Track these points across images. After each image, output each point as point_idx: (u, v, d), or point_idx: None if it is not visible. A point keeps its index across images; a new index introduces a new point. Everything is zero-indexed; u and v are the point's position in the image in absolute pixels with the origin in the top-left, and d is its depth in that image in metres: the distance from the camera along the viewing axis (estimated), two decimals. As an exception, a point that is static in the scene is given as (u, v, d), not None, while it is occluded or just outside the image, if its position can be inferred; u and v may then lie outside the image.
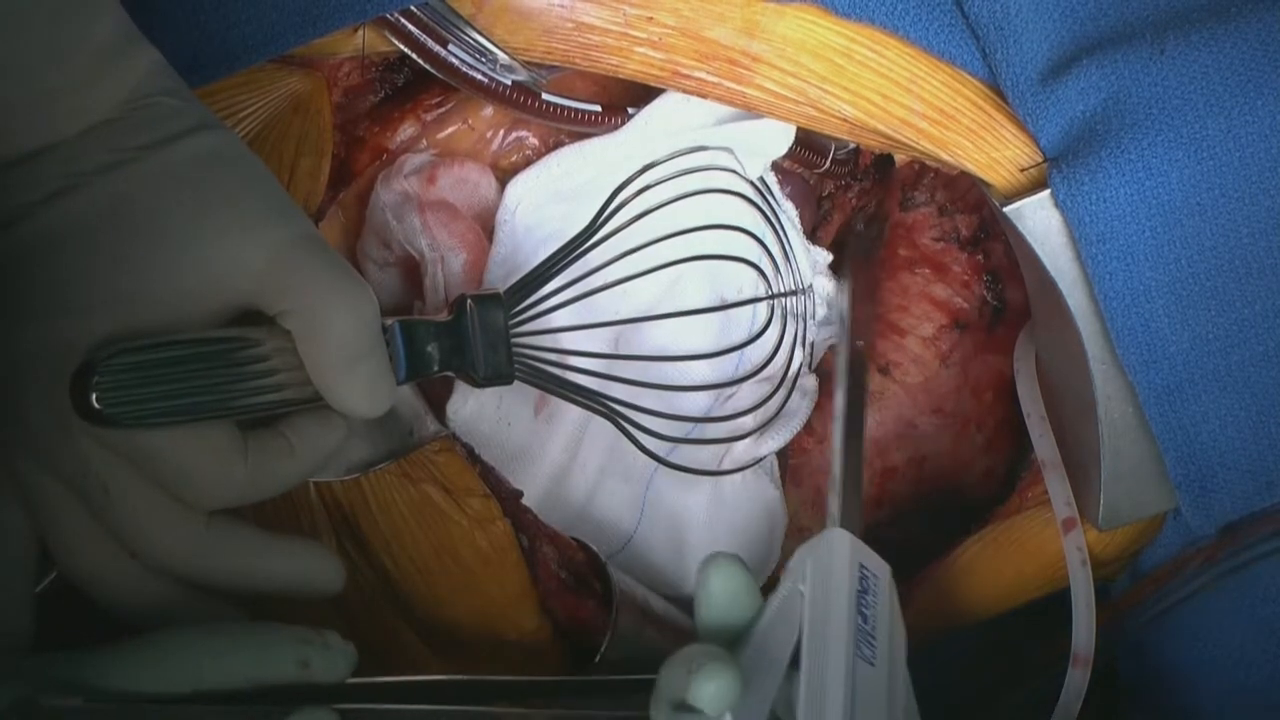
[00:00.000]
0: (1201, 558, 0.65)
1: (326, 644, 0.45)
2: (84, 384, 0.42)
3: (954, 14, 0.57)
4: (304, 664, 0.45)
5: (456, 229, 0.61)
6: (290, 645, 0.45)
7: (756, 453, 0.68)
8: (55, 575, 0.49)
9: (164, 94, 0.46)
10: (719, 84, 0.59)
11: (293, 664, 0.44)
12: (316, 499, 0.56)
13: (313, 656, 0.45)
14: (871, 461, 0.72)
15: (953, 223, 0.71)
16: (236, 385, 0.45)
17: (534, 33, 0.57)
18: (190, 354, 0.44)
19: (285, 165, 0.58)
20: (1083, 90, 0.56)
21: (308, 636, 0.45)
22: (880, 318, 0.72)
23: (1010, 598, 0.68)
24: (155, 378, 0.43)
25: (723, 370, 0.66)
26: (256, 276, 0.45)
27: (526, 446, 0.63)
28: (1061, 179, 0.56)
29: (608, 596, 0.59)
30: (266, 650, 0.44)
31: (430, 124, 0.63)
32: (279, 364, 0.45)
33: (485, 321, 0.53)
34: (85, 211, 0.44)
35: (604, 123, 0.63)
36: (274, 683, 0.44)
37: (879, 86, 0.58)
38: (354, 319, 0.46)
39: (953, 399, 0.72)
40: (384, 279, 0.64)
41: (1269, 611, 0.65)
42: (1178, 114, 0.55)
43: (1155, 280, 0.56)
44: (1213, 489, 0.60)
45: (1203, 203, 0.56)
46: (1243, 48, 0.55)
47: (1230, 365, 0.58)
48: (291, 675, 0.44)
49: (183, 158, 0.45)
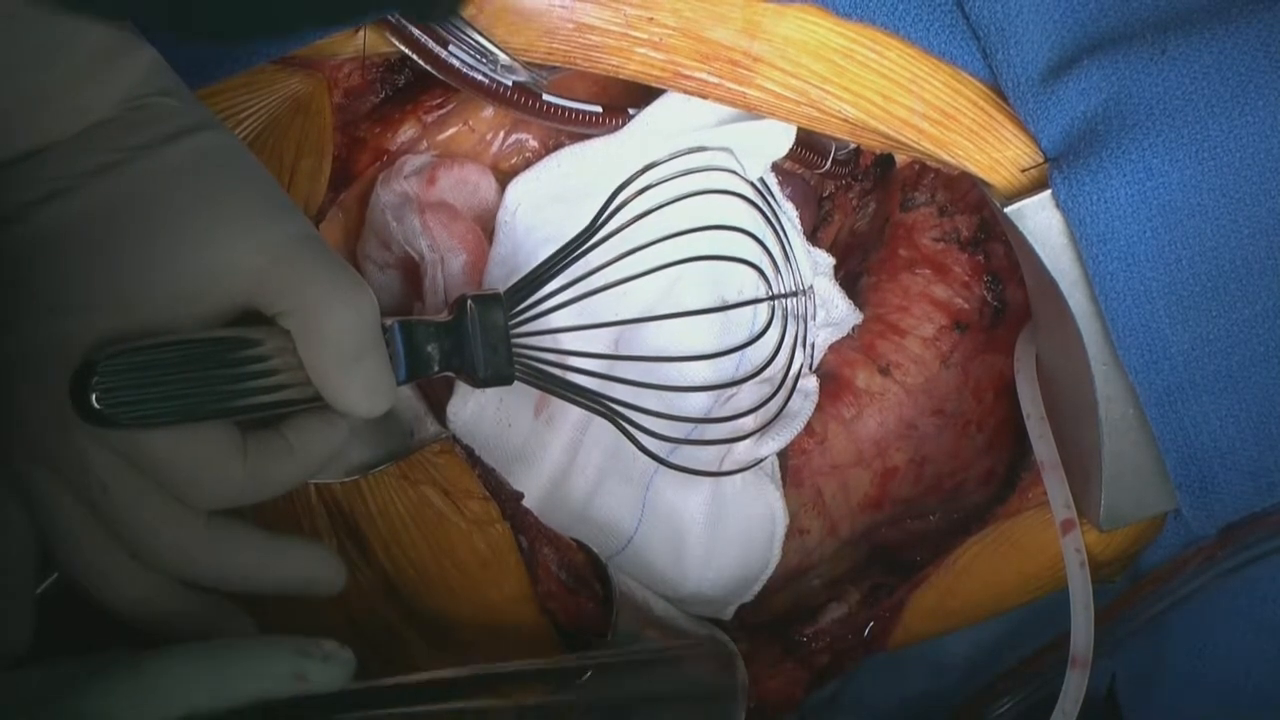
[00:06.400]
0: (1201, 558, 0.65)
1: (324, 655, 0.44)
2: (83, 384, 0.42)
3: (955, 14, 0.57)
4: (300, 677, 0.44)
5: (457, 230, 0.61)
6: (286, 658, 0.44)
7: (757, 454, 0.68)
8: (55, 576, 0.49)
9: (161, 94, 0.46)
10: (720, 85, 0.59)
11: (289, 678, 0.44)
12: (317, 500, 0.56)
13: (309, 669, 0.44)
14: (872, 462, 0.72)
15: (953, 223, 0.71)
16: (236, 385, 0.45)
17: (534, 33, 0.57)
18: (190, 354, 0.44)
19: (286, 166, 0.58)
20: (1084, 91, 0.56)
21: (305, 648, 0.44)
22: (881, 318, 0.72)
23: (1010, 598, 0.68)
24: (155, 378, 0.43)
25: (723, 371, 0.66)
26: (255, 276, 0.45)
27: (527, 448, 0.63)
28: (1062, 179, 0.56)
29: (608, 598, 0.59)
30: (260, 666, 0.44)
31: (431, 125, 0.63)
32: (279, 364, 0.45)
33: (485, 322, 0.53)
34: (83, 212, 0.44)
35: (605, 124, 0.63)
36: (270, 698, 0.44)
37: (880, 87, 0.58)
38: (353, 318, 0.46)
39: (953, 400, 0.72)
40: (384, 280, 0.64)
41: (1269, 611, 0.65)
42: (1179, 114, 0.55)
43: (1156, 281, 0.56)
44: (1213, 489, 0.60)
45: (1204, 203, 0.56)
46: (1244, 48, 0.55)
47: (1231, 366, 0.58)
48: (288, 689, 0.44)
49: (180, 158, 0.45)
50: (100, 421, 0.43)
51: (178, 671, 0.43)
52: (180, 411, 0.44)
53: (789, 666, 0.70)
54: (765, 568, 0.70)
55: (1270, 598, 0.64)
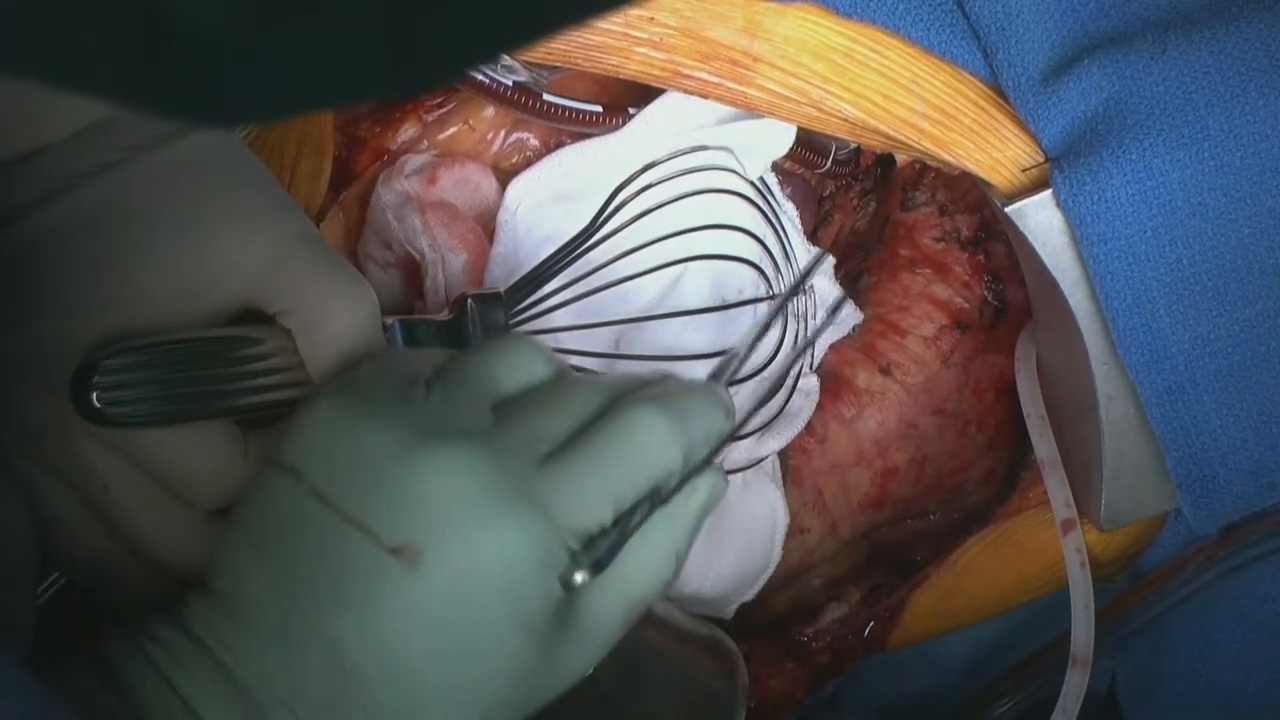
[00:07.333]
0: (1201, 557, 0.65)
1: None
2: (84, 383, 0.42)
3: (955, 14, 0.57)
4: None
5: (457, 229, 0.61)
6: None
7: (757, 453, 0.68)
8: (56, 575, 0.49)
9: (161, 93, 0.46)
10: (720, 84, 0.59)
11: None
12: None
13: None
14: (872, 461, 0.72)
15: (954, 223, 0.71)
16: (237, 384, 0.45)
17: (535, 33, 0.57)
18: (190, 353, 0.44)
19: (286, 166, 0.58)
20: (1084, 90, 0.56)
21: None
22: (881, 318, 0.72)
23: (1011, 598, 0.68)
24: (156, 377, 0.43)
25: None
26: (255, 275, 0.45)
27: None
28: (1063, 179, 0.56)
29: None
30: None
31: (431, 125, 0.63)
32: (279, 363, 0.45)
33: (486, 320, 0.53)
34: (81, 212, 0.44)
35: (605, 123, 0.63)
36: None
37: (880, 87, 0.58)
38: (354, 316, 0.46)
39: (954, 399, 0.72)
40: (385, 279, 0.64)
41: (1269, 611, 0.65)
42: (1179, 114, 0.55)
43: (1157, 280, 0.56)
44: (1214, 489, 0.60)
45: (1204, 203, 0.56)
46: (1244, 48, 0.55)
47: (1232, 365, 0.58)
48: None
49: (178, 157, 0.45)
50: (101, 420, 0.43)
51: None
52: (181, 410, 0.44)
53: (789, 666, 0.70)
54: (766, 567, 0.70)
55: (1271, 598, 0.64)
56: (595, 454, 0.41)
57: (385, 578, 0.38)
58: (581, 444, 0.41)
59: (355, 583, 0.38)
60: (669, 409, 0.42)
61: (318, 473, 0.40)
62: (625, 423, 0.41)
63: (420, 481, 0.39)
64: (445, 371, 0.42)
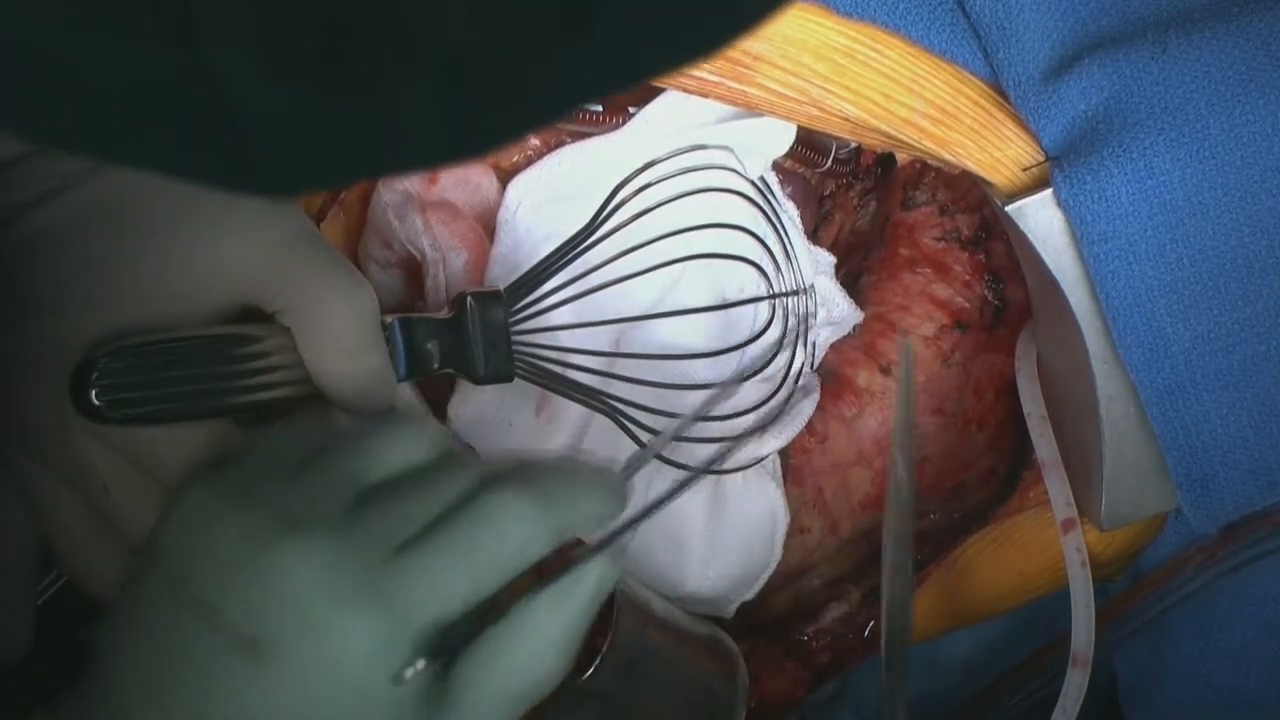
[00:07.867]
0: (1201, 557, 0.65)
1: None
2: (84, 381, 0.42)
3: (956, 13, 0.57)
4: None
5: (458, 229, 0.61)
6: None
7: (758, 452, 0.68)
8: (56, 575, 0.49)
9: (160, 92, 0.46)
10: (720, 83, 0.59)
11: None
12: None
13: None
14: (872, 461, 0.72)
15: (954, 222, 0.71)
16: (236, 382, 0.45)
17: (535, 32, 0.57)
18: (189, 351, 0.44)
19: (286, 164, 0.58)
20: (1085, 89, 0.56)
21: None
22: (881, 317, 0.72)
23: (1011, 598, 0.68)
24: (155, 375, 0.43)
25: (724, 370, 0.66)
26: (253, 273, 0.45)
27: (528, 447, 0.63)
28: (1063, 178, 0.56)
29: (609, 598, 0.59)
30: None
31: (431, 124, 0.63)
32: (278, 361, 0.45)
33: (486, 319, 0.53)
34: (78, 211, 0.44)
35: (605, 122, 0.63)
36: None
37: (881, 86, 0.58)
38: (353, 315, 0.46)
39: (954, 399, 0.72)
40: (386, 279, 0.64)
41: (1269, 611, 0.65)
42: (1180, 113, 0.55)
43: (1157, 279, 0.56)
44: (1214, 489, 0.60)
45: (1205, 202, 0.56)
46: (1245, 47, 0.55)
47: (1232, 364, 0.58)
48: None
49: None
50: (100, 419, 0.43)
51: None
52: (180, 409, 0.44)
53: (790, 666, 0.70)
54: (766, 566, 0.70)
55: (1272, 597, 0.64)
56: (448, 540, 0.39)
57: (229, 672, 0.38)
58: (438, 531, 0.40)
59: (200, 675, 0.38)
60: (530, 490, 0.40)
61: (177, 561, 0.39)
62: (480, 506, 0.40)
63: (270, 573, 0.38)
64: (322, 453, 0.41)
